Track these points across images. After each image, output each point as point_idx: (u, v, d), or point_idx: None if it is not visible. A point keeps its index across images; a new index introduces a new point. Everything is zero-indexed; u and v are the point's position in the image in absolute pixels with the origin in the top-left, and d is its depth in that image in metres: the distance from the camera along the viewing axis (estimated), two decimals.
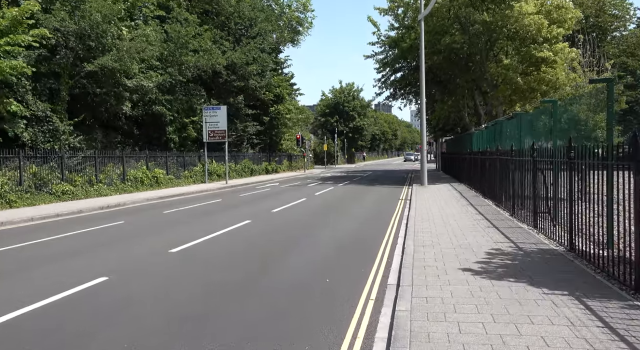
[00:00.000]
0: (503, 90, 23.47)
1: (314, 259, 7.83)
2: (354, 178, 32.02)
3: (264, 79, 32.26)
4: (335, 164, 63.86)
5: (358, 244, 8.99)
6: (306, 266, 7.34)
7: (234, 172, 31.49)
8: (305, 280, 6.51)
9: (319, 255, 8.12)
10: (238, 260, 7.90)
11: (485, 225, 10.07)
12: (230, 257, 8.18)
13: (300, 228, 10.89)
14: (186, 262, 7.78)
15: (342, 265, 7.34)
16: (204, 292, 5.99)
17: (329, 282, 6.39)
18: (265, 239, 9.68)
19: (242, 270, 7.15)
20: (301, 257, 7.99)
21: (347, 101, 71.90)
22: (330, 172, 44.53)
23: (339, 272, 6.93)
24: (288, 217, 12.50)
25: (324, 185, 25.25)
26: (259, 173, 36.03)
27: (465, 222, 10.58)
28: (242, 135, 32.86)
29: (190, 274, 6.96)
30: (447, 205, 14.01)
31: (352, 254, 8.19)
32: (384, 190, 21.79)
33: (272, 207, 14.60)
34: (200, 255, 8.26)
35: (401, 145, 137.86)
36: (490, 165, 14.55)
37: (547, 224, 8.57)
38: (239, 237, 9.80)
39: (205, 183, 26.63)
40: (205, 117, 26.31)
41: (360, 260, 7.60)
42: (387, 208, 14.40)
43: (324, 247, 8.82)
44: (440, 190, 19.67)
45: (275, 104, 38.14)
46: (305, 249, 8.67)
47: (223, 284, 6.37)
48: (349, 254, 8.20)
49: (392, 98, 32.39)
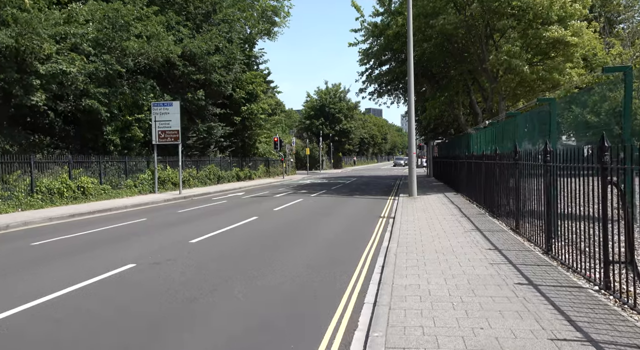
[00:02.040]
0: (507, 81, 19.62)
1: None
2: (334, 186, 28.00)
3: (230, 72, 28.16)
4: (320, 169, 59.84)
5: (280, 334, 4.90)
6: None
7: (195, 180, 27.30)
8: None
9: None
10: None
11: (512, 277, 6.03)
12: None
13: (195, 287, 6.75)
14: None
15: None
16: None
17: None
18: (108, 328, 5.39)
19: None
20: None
21: (333, 103, 68.08)
22: (311, 178, 40.48)
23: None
24: (200, 259, 8.33)
25: (293, 196, 21.17)
26: (227, 180, 31.86)
27: (478, 268, 6.54)
28: (207, 137, 28.71)
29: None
30: (443, 229, 10.01)
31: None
32: (364, 203, 17.77)
33: (195, 234, 10.40)
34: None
35: (391, 150, 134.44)
36: (502, 172, 10.60)
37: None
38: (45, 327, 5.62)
39: (155, 193, 22.43)
40: (155, 114, 22.14)
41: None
42: (359, 235, 10.36)
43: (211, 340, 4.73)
44: (432, 203, 15.71)
45: (248, 103, 34.06)
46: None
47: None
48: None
49: (377, 94, 28.46)
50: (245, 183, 31.72)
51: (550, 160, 6.84)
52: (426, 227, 10.22)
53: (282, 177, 40.58)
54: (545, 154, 7.03)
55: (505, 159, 10.19)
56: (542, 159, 7.12)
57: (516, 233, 9.05)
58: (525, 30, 19.03)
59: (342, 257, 7.77)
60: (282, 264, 7.32)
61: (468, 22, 20.17)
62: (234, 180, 33.04)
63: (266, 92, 38.43)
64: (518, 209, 9.14)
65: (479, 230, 9.51)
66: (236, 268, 7.23)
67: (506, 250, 7.48)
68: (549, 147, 7.07)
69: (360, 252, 8.19)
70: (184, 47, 24.42)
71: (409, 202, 16.06)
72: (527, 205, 8.45)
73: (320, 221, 12.59)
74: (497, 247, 7.77)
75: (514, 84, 19.49)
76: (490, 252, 7.36)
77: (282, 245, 8.91)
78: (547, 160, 6.98)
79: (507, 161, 9.91)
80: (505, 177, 10.36)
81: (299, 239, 9.84)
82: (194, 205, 17.51)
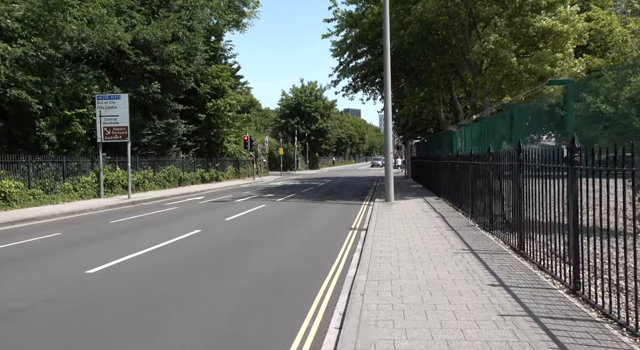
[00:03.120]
0: (492, 74, 17.76)
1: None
2: (306, 188, 25.79)
3: (192, 64, 25.63)
4: (295, 170, 57.57)
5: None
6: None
7: (152, 182, 24.69)
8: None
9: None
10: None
11: (542, 346, 3.92)
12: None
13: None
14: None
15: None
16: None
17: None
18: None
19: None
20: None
21: (309, 101, 65.90)
22: (283, 180, 38.18)
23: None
24: (80, 306, 6.02)
25: (257, 200, 18.86)
26: (190, 182, 29.28)
27: (483, 324, 4.40)
28: (166, 135, 26.09)
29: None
30: (426, 249, 7.90)
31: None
32: (334, 209, 15.61)
33: (101, 259, 7.94)
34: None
35: (369, 150, 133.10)
36: (498, 176, 8.57)
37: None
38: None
39: (101, 198, 19.78)
40: (100, 109, 19.50)
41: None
42: (319, 260, 8.14)
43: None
44: (411, 210, 13.64)
45: (214, 99, 31.55)
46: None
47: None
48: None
49: (351, 89, 26.33)
50: (210, 185, 29.21)
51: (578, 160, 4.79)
52: (405, 247, 8.10)
53: (253, 179, 38.16)
54: (571, 153, 4.96)
55: (502, 159, 8.15)
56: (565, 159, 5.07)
57: (521, 255, 7.01)
58: (512, 18, 17.21)
59: (285, 305, 5.46)
60: (181, 326, 4.98)
61: (450, 9, 18.24)
62: (198, 182, 30.48)
63: (235, 87, 35.96)
64: (521, 222, 7.12)
65: (472, 252, 7.42)
66: (120, 326, 4.93)
67: (516, 287, 5.38)
68: (576, 143, 5.01)
69: (315, 292, 5.94)
70: (136, 34, 21.83)
71: (386, 209, 13.97)
72: (533, 215, 6.43)
73: (274, 237, 10.34)
74: (502, 281, 5.66)
75: (500, 77, 17.63)
76: (495, 291, 5.25)
77: (204, 282, 6.53)
78: (574, 162, 4.92)
79: (506, 162, 7.87)
80: (502, 182, 8.34)
81: (235, 267, 7.56)
82: (136, 213, 15.02)
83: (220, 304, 5.46)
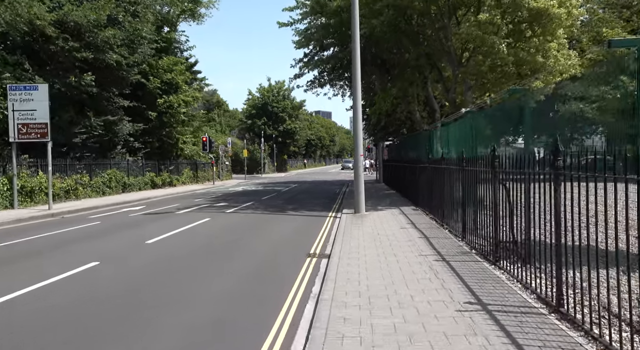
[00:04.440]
0: (476, 65, 15.46)
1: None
2: (267, 195, 22.99)
3: (136, 54, 22.42)
4: (261, 173, 54.53)
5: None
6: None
7: (87, 189, 21.31)
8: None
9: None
10: None
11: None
12: None
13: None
14: None
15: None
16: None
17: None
18: None
19: None
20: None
21: (276, 101, 63.01)
22: (247, 184, 35.20)
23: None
24: None
25: (204, 211, 15.95)
26: (138, 188, 25.95)
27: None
28: (105, 134, 22.75)
29: None
30: (412, 297, 5.28)
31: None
32: (292, 224, 12.90)
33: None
34: None
35: (340, 152, 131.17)
36: (509, 187, 6.07)
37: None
38: None
39: (14, 208, 16.43)
40: (12, 102, 16.14)
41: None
42: (258, 310, 5.42)
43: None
44: (386, 227, 11.08)
45: (166, 95, 28.34)
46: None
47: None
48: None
49: (317, 84, 23.66)
50: (160, 192, 25.96)
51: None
52: (381, 289, 5.49)
53: (212, 183, 34.98)
54: None
55: (522, 166, 5.63)
56: None
57: (562, 317, 4.48)
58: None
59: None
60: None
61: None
62: (147, 188, 27.16)
63: (191, 83, 32.77)
64: (559, 261, 4.62)
65: (485, 309, 4.83)
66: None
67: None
68: None
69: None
70: (63, 15, 18.54)
71: (355, 224, 11.36)
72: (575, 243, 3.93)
73: (207, 269, 7.54)
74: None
75: (486, 68, 15.37)
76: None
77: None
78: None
79: (532, 170, 5.34)
80: (513, 193, 5.86)
81: (124, 333, 4.75)
82: (42, 230, 11.85)
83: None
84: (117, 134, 24.59)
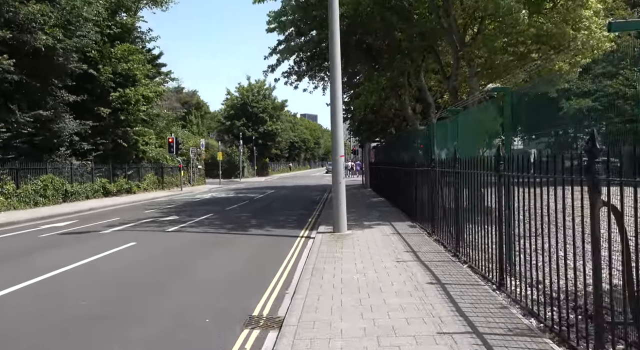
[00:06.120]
0: (487, 39, 12.20)
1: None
2: (234, 204, 19.51)
3: (75, 37, 18.74)
4: (240, 177, 50.81)
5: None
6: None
7: (13, 199, 17.57)
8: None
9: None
10: None
11: None
12: None
13: None
14: None
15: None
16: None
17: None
18: None
19: None
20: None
21: (256, 101, 59.47)
22: (218, 190, 31.59)
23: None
24: None
25: (140, 229, 12.39)
26: (85, 196, 22.19)
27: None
28: (36, 133, 18.99)
29: None
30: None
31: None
32: (247, 252, 9.43)
33: None
34: None
35: (325, 155, 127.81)
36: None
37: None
38: None
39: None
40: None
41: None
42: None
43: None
44: (375, 255, 7.68)
45: (122, 88, 24.66)
46: None
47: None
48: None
49: (295, 75, 20.22)
50: (112, 200, 22.24)
51: None
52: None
53: (180, 189, 31.30)
54: None
55: None
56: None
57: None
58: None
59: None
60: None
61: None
62: (98, 196, 23.41)
63: (154, 77, 29.07)
64: None
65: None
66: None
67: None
68: None
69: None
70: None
71: (332, 255, 7.96)
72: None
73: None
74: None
75: (499, 44, 12.12)
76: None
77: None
78: None
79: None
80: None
81: None
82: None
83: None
84: (58, 133, 20.87)
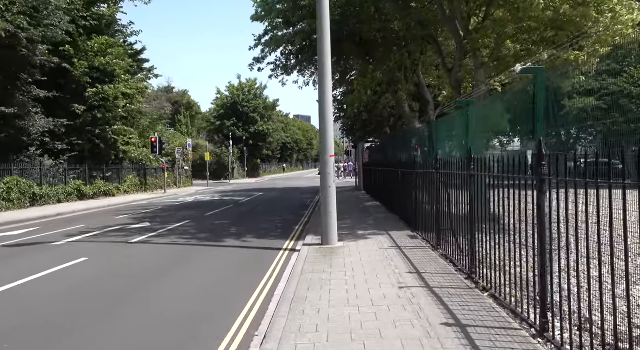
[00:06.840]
0: (496, 25, 10.83)
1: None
2: (218, 208, 18.00)
3: (41, 27, 17.16)
4: (230, 179, 49.19)
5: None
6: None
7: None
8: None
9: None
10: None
11: None
12: None
13: None
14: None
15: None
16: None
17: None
18: None
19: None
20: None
21: (247, 100, 57.89)
22: (204, 193, 30.01)
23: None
24: None
25: (101, 240, 10.86)
26: (57, 200, 20.53)
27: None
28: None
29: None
30: None
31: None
32: (218, 270, 7.95)
33: None
34: None
35: (318, 156, 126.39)
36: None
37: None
38: None
39: None
40: None
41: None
42: None
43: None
44: (371, 279, 6.21)
45: (100, 84, 23.07)
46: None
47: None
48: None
49: (282, 69, 18.76)
50: (86, 204, 20.62)
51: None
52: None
53: (164, 192, 29.70)
54: None
55: None
56: None
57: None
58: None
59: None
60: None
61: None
62: (72, 199, 21.76)
63: (135, 73, 27.48)
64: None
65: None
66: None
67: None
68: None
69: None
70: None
71: (319, 274, 6.50)
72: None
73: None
74: None
75: (510, 30, 10.75)
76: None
77: None
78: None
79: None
80: None
81: None
82: None
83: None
84: (26, 131, 19.27)
